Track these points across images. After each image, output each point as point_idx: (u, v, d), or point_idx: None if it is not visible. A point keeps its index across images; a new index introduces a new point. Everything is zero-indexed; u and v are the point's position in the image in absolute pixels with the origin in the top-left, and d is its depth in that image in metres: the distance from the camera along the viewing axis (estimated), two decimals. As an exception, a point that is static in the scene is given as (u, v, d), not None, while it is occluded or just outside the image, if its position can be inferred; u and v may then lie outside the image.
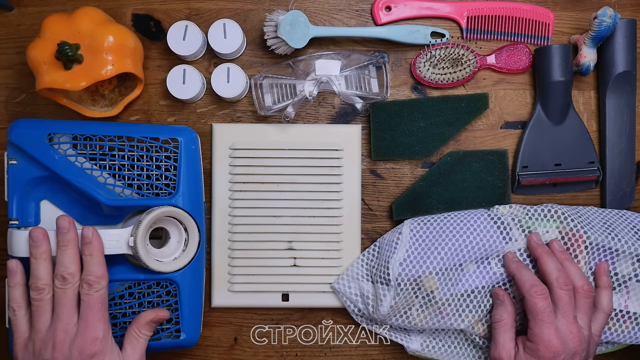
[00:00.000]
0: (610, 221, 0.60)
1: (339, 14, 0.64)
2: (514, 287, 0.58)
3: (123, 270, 0.58)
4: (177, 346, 0.59)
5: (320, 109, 0.64)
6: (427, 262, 0.59)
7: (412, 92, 0.64)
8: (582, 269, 0.57)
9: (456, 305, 0.58)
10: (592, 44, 0.60)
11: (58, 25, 0.56)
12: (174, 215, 0.57)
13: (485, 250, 0.58)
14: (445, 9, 0.64)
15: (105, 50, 0.56)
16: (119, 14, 0.64)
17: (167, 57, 0.64)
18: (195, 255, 0.59)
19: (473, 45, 0.64)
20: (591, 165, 0.64)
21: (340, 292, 0.62)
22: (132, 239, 0.54)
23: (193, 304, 0.59)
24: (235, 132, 0.63)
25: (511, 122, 0.65)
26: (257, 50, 0.64)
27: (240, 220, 0.63)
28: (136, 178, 0.58)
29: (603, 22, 0.58)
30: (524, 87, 0.65)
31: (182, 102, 0.64)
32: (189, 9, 0.64)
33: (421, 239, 0.60)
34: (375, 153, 0.63)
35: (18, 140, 0.56)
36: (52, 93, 0.60)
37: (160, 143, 0.59)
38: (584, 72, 0.61)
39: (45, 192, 0.58)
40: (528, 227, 0.59)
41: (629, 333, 0.59)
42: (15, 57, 0.64)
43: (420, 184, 0.63)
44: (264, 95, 0.62)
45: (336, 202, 0.63)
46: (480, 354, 0.62)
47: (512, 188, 0.64)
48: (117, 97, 0.63)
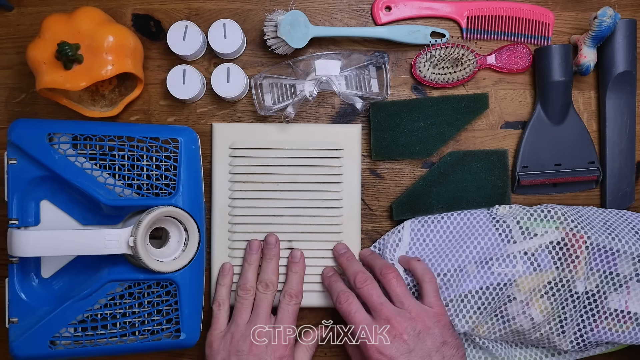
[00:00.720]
0: (610, 221, 0.60)
1: (339, 14, 0.64)
2: (514, 287, 0.58)
3: (123, 270, 0.58)
4: (177, 346, 0.59)
5: (320, 109, 0.64)
6: (428, 264, 0.59)
7: (412, 92, 0.64)
8: (583, 269, 0.57)
9: (458, 307, 0.58)
10: (592, 44, 0.60)
11: (58, 25, 0.56)
12: (174, 215, 0.57)
13: (486, 251, 0.58)
14: (445, 9, 0.64)
15: (105, 50, 0.56)
16: (119, 14, 0.64)
17: (167, 57, 0.64)
18: (195, 255, 0.59)
19: (473, 45, 0.64)
20: (591, 165, 0.64)
21: (340, 292, 0.62)
22: (132, 239, 0.54)
23: (193, 304, 0.59)
24: (235, 131, 0.63)
25: (511, 122, 0.65)
26: (257, 50, 0.64)
27: (240, 220, 0.63)
28: (136, 178, 0.58)
29: (603, 22, 0.58)
30: (524, 87, 0.65)
31: (182, 102, 0.64)
32: (189, 9, 0.64)
33: (421, 240, 0.60)
34: (375, 153, 0.63)
35: (18, 140, 0.56)
36: (52, 93, 0.60)
37: (160, 143, 0.59)
38: (584, 72, 0.61)
39: (45, 192, 0.58)
40: (527, 227, 0.59)
41: (629, 333, 0.59)
42: (15, 57, 0.64)
43: (420, 184, 0.63)
44: (264, 95, 0.62)
45: (336, 202, 0.63)
46: (481, 354, 0.62)
47: (512, 188, 0.64)
48: (117, 97, 0.63)
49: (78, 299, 0.57)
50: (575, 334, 0.59)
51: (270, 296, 0.59)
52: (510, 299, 0.59)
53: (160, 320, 0.59)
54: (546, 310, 0.58)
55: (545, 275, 0.58)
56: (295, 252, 0.61)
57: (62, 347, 0.56)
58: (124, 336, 0.58)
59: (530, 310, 0.58)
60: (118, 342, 0.58)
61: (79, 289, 0.58)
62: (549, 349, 0.62)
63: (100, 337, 0.58)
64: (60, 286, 0.59)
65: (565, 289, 0.58)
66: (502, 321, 0.60)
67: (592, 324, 0.59)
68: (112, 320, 0.58)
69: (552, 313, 0.58)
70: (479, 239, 0.59)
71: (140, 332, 0.59)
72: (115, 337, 0.58)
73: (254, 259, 0.61)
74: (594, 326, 0.59)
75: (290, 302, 0.59)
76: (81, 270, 0.59)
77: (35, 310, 0.57)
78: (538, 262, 0.58)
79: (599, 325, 0.59)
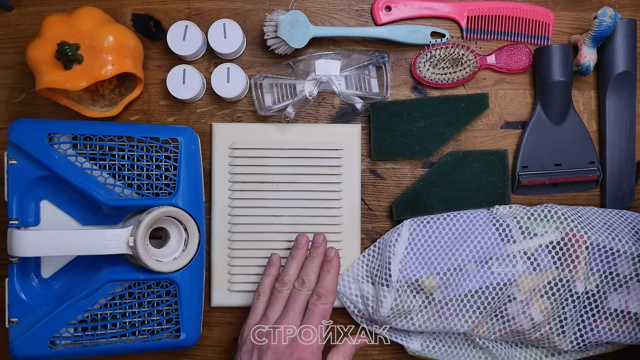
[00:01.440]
0: (610, 221, 0.60)
1: (339, 14, 0.64)
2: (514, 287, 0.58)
3: (123, 270, 0.58)
4: (177, 346, 0.59)
5: (320, 109, 0.64)
6: (428, 264, 0.59)
7: (412, 92, 0.64)
8: (583, 269, 0.57)
9: (457, 307, 0.58)
10: (592, 44, 0.60)
11: (58, 25, 0.56)
12: (174, 215, 0.57)
13: (486, 251, 0.58)
14: (445, 9, 0.64)
15: (105, 50, 0.56)
16: (119, 14, 0.64)
17: (167, 57, 0.64)
18: (195, 255, 0.59)
19: (473, 45, 0.64)
20: (591, 165, 0.64)
21: (341, 292, 0.62)
22: (132, 239, 0.54)
23: (193, 304, 0.59)
24: (235, 132, 0.63)
25: (511, 122, 0.65)
26: (257, 50, 0.64)
27: (240, 220, 0.63)
28: (136, 178, 0.58)
29: (603, 22, 0.58)
30: (524, 87, 0.65)
31: (182, 102, 0.64)
32: (189, 9, 0.64)
33: (422, 240, 0.60)
34: (375, 153, 0.63)
35: (18, 140, 0.56)
36: (52, 93, 0.60)
37: (160, 143, 0.59)
38: (584, 72, 0.61)
39: (45, 192, 0.58)
40: (527, 227, 0.59)
41: (629, 333, 0.59)
42: (15, 57, 0.64)
43: (420, 184, 0.63)
44: (264, 95, 0.62)
45: (336, 202, 0.63)
46: (481, 354, 0.62)
47: (512, 188, 0.64)
48: (117, 97, 0.63)
49: (78, 299, 0.57)
50: (575, 334, 0.59)
51: (305, 294, 0.58)
52: (510, 299, 0.59)
53: (160, 320, 0.59)
54: (546, 310, 0.58)
55: (545, 275, 0.58)
56: (329, 250, 0.60)
57: (62, 347, 0.56)
58: (124, 336, 0.58)
59: (530, 310, 0.58)
60: (118, 342, 0.58)
61: (79, 289, 0.58)
62: (549, 349, 0.62)
63: (100, 337, 0.58)
64: (60, 286, 0.59)
65: (565, 289, 0.58)
66: (502, 321, 0.60)
67: (592, 324, 0.59)
68: (112, 320, 0.58)
69: (552, 313, 0.58)
70: (479, 238, 0.59)
71: (140, 332, 0.59)
72: (115, 337, 0.58)
73: (300, 254, 0.60)
74: (594, 326, 0.59)
75: (318, 301, 0.57)
76: (81, 270, 0.59)
77: (35, 310, 0.57)
78: (538, 262, 0.58)
79: (599, 325, 0.59)
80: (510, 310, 0.59)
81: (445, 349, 0.62)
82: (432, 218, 0.61)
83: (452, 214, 0.61)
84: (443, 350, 0.62)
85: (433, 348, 0.62)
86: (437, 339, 0.62)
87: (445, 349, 0.62)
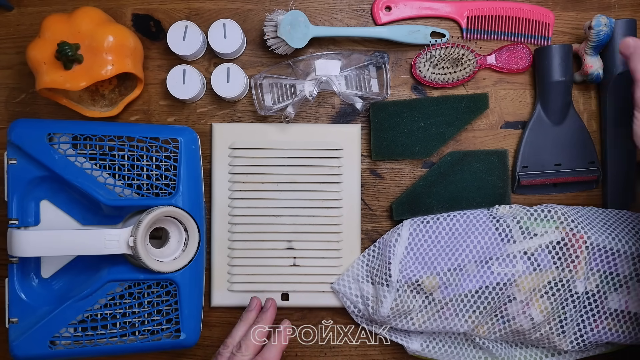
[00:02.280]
0: (610, 221, 0.60)
1: (339, 14, 0.64)
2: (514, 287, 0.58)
3: (123, 270, 0.58)
4: (177, 346, 0.59)
5: (320, 109, 0.64)
6: (428, 264, 0.59)
7: (412, 92, 0.64)
8: (583, 269, 0.57)
9: (457, 307, 0.58)
10: (593, 52, 0.61)
11: (58, 25, 0.56)
12: (174, 215, 0.57)
13: (486, 251, 0.58)
14: (445, 9, 0.64)
15: (105, 50, 0.56)
16: (119, 14, 0.64)
17: (167, 57, 0.64)
18: (195, 255, 0.59)
19: (473, 45, 0.64)
20: (591, 165, 0.63)
21: (341, 292, 0.62)
22: (132, 239, 0.54)
23: (193, 304, 0.59)
24: (235, 132, 0.63)
25: (511, 122, 0.65)
26: (257, 50, 0.64)
27: (240, 220, 0.63)
28: (136, 178, 0.58)
29: (600, 31, 0.58)
30: (524, 87, 0.65)
31: (182, 102, 0.64)
32: (189, 9, 0.64)
33: (422, 240, 0.60)
34: (375, 153, 0.63)
35: (18, 140, 0.56)
36: (52, 93, 0.60)
37: (160, 143, 0.59)
38: (594, 81, 0.62)
39: (45, 192, 0.58)
40: (527, 227, 0.59)
41: (629, 333, 0.59)
42: (15, 57, 0.64)
43: (420, 184, 0.63)
44: (264, 95, 0.62)
45: (336, 202, 0.63)
46: (481, 354, 0.62)
47: (512, 188, 0.64)
48: (117, 97, 0.63)
49: (78, 299, 0.57)
50: (575, 334, 0.59)
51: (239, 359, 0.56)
52: (510, 299, 0.59)
53: (160, 320, 0.59)
54: (546, 310, 0.58)
55: (545, 275, 0.58)
56: (284, 322, 0.59)
57: (62, 347, 0.56)
58: (124, 336, 0.58)
59: (530, 310, 0.58)
60: (118, 342, 0.58)
61: (79, 289, 0.58)
62: (549, 349, 0.62)
63: (100, 337, 0.58)
64: (60, 286, 0.59)
65: (565, 289, 0.58)
66: (502, 321, 0.60)
67: (592, 324, 0.59)
68: (112, 320, 0.58)
69: (552, 313, 0.58)
70: (479, 238, 0.59)
71: (140, 332, 0.59)
72: (115, 337, 0.58)
73: (247, 317, 0.59)
74: (594, 326, 0.59)
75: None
76: (81, 270, 0.59)
77: (35, 310, 0.57)
78: (538, 262, 0.58)
79: (599, 325, 0.59)
80: (510, 310, 0.59)
81: (445, 349, 0.62)
82: (432, 218, 0.61)
83: (452, 214, 0.61)
84: (443, 350, 0.62)
85: (433, 348, 0.62)
86: (437, 339, 0.62)
87: (445, 349, 0.62)
